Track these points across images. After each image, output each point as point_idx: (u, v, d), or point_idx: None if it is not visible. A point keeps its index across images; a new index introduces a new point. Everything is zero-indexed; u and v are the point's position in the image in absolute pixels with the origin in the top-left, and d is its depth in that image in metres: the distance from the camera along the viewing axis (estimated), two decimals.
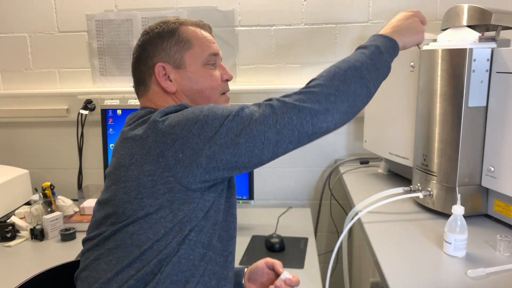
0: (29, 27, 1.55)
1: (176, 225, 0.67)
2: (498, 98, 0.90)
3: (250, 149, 0.65)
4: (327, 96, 0.67)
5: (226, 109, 0.68)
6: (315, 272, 1.04)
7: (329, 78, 0.69)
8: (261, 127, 0.65)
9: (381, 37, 0.77)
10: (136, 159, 0.68)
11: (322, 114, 0.66)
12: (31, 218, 1.31)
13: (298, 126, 0.65)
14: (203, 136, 0.65)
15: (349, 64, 0.70)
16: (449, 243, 0.81)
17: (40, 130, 1.61)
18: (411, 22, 0.81)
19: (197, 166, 0.65)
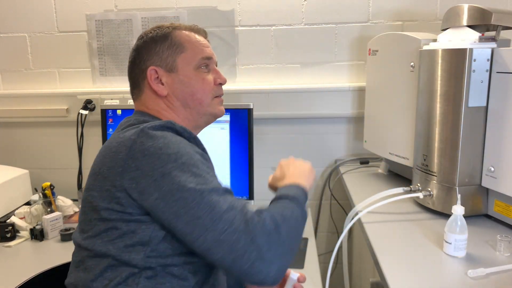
0: (29, 27, 1.55)
1: (136, 243, 0.66)
2: (498, 98, 0.90)
3: (185, 231, 0.63)
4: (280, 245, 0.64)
5: (195, 178, 0.65)
6: (315, 272, 1.04)
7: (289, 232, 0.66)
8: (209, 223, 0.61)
9: (296, 188, 0.75)
10: (103, 169, 0.69)
11: (266, 262, 0.62)
12: (31, 218, 1.31)
13: (238, 253, 0.61)
14: (158, 184, 0.64)
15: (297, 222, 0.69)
16: (449, 243, 0.81)
17: (40, 130, 1.61)
18: (298, 166, 0.82)
19: (142, 205, 0.66)
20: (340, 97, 1.48)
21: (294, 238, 0.68)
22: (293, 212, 0.69)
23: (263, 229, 0.63)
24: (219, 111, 0.84)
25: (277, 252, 0.63)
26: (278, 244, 0.63)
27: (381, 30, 1.44)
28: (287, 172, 0.80)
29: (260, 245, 0.61)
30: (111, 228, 0.68)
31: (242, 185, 1.31)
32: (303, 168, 0.81)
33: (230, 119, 1.29)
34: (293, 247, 0.67)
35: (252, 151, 1.30)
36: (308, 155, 1.55)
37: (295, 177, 0.78)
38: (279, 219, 0.66)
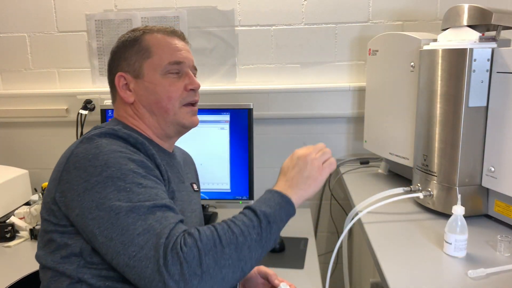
0: (29, 27, 1.55)
1: (71, 255, 0.66)
2: (499, 98, 0.89)
3: (102, 251, 0.61)
4: (190, 277, 0.57)
5: (118, 193, 0.61)
6: (315, 273, 1.04)
7: (205, 249, 0.58)
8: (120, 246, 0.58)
9: (275, 195, 0.67)
10: (50, 181, 0.70)
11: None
12: (30, 218, 1.30)
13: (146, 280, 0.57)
14: (80, 199, 0.63)
15: (231, 237, 0.60)
16: (449, 243, 0.81)
17: (40, 130, 1.61)
18: (309, 170, 0.70)
19: (68, 218, 0.66)
20: (340, 97, 1.47)
21: (227, 267, 0.59)
22: (245, 236, 0.61)
23: (177, 258, 0.57)
24: (188, 121, 0.79)
25: (191, 283, 0.57)
26: (195, 275, 0.57)
27: (381, 30, 1.44)
28: (289, 172, 0.72)
29: (168, 274, 0.56)
30: (50, 240, 0.68)
31: (242, 185, 1.31)
32: (308, 173, 0.70)
33: (230, 119, 1.29)
34: (224, 277, 0.59)
35: (252, 151, 1.30)
36: None
37: (292, 183, 0.70)
38: (210, 245, 0.59)
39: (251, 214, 0.65)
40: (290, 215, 0.68)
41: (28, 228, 1.26)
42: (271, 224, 0.64)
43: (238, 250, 0.60)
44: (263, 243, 0.63)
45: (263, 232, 0.63)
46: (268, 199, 0.67)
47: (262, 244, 0.63)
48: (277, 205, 0.66)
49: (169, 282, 0.56)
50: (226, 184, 1.31)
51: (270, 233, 0.64)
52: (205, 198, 1.33)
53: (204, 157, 1.30)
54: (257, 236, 0.62)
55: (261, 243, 0.63)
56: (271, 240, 0.65)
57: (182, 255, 0.57)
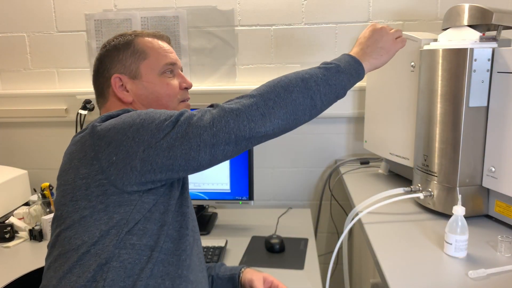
0: (28, 26, 1.54)
1: (112, 228, 0.66)
2: (499, 98, 0.89)
3: (186, 151, 0.64)
4: (266, 102, 0.66)
5: (165, 113, 0.68)
6: (315, 273, 1.04)
7: (273, 84, 0.68)
8: (197, 129, 0.64)
9: (348, 56, 0.77)
10: (74, 163, 0.69)
11: (259, 119, 0.65)
12: (29, 218, 1.30)
13: (235, 129, 0.65)
14: (138, 139, 0.65)
15: (297, 74, 0.70)
16: (449, 243, 0.81)
17: (39, 130, 1.61)
18: (384, 41, 0.80)
19: (131, 169, 0.65)
20: None
21: (296, 92, 0.68)
22: (310, 74, 0.70)
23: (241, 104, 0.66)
24: None
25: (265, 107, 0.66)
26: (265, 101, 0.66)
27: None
28: (365, 41, 0.80)
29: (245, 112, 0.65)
30: (87, 216, 0.67)
31: (242, 185, 1.31)
32: (383, 44, 0.79)
33: None
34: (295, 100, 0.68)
35: (252, 151, 1.29)
36: (308, 155, 1.54)
37: (366, 51, 0.78)
38: (275, 81, 0.68)
39: (322, 64, 0.74)
40: (359, 76, 0.76)
41: (27, 229, 1.26)
42: (340, 73, 0.72)
43: (304, 81, 0.69)
44: (330, 84, 0.71)
45: (330, 75, 0.71)
46: (340, 59, 0.76)
47: (329, 83, 0.71)
48: (347, 63, 0.75)
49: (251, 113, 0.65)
50: (226, 184, 1.31)
51: (338, 79, 0.72)
52: (205, 199, 1.33)
53: None
54: (323, 76, 0.71)
55: (327, 82, 0.71)
56: (339, 86, 0.72)
57: (252, 93, 0.68)
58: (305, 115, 0.70)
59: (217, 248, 1.13)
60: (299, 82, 0.69)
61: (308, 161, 1.55)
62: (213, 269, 0.92)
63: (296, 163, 1.55)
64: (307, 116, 0.71)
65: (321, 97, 0.71)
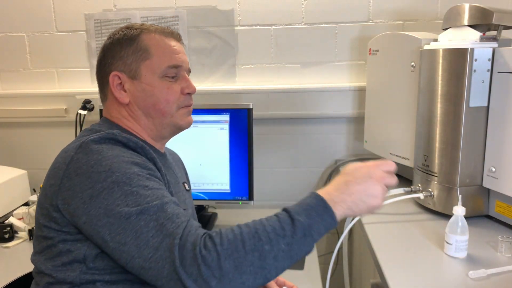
0: (27, 26, 1.54)
1: (73, 261, 0.65)
2: (500, 98, 0.89)
3: (115, 256, 0.60)
4: (209, 278, 0.56)
5: (127, 197, 0.60)
6: (315, 274, 1.04)
7: (227, 251, 0.57)
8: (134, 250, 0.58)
9: (322, 208, 0.61)
10: (47, 185, 0.68)
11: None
12: (29, 219, 1.30)
13: (164, 280, 0.57)
14: (86, 206, 0.62)
15: (257, 243, 0.58)
16: (450, 244, 0.81)
17: (38, 130, 1.60)
18: (372, 192, 0.63)
19: (76, 226, 0.64)
20: (341, 97, 1.47)
21: (247, 274, 0.57)
22: (272, 245, 0.58)
23: (194, 259, 0.56)
24: (184, 122, 0.79)
25: (209, 284, 0.56)
26: (213, 277, 0.56)
27: (381, 29, 1.44)
28: (351, 183, 0.64)
29: (186, 274, 0.56)
30: (50, 246, 0.67)
31: (241, 186, 1.30)
32: (367, 197, 0.63)
33: (230, 119, 1.28)
34: (244, 282, 0.57)
35: (251, 152, 1.29)
36: (308, 156, 1.54)
37: (346, 197, 0.63)
38: (231, 249, 0.57)
39: (287, 221, 0.60)
40: (329, 229, 0.62)
41: (27, 229, 1.26)
42: (306, 237, 0.60)
43: (261, 258, 0.58)
44: (292, 254, 0.60)
45: (294, 244, 0.59)
46: (310, 208, 0.62)
47: (291, 255, 0.59)
48: (318, 216, 0.61)
49: (187, 282, 0.56)
50: (225, 185, 1.31)
51: (303, 245, 0.60)
52: (204, 199, 1.32)
53: (204, 158, 1.29)
54: (286, 247, 0.59)
55: (290, 254, 0.59)
56: (302, 252, 0.61)
57: (201, 257, 0.56)
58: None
59: None
60: (255, 259, 0.57)
61: (308, 161, 1.54)
62: None
63: (296, 163, 1.55)
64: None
65: (277, 272, 0.60)
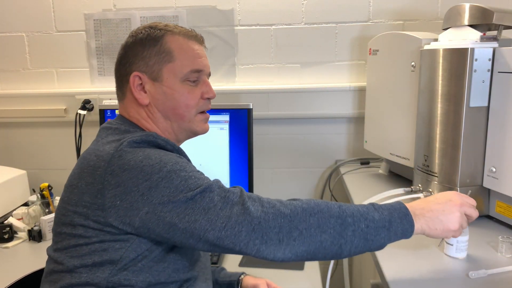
0: (27, 26, 1.54)
1: (105, 261, 0.64)
2: (500, 98, 0.89)
3: (185, 237, 0.62)
4: (291, 229, 0.61)
5: (187, 182, 0.63)
6: (315, 274, 1.03)
7: (311, 210, 0.62)
8: (207, 224, 0.61)
9: (404, 212, 0.66)
10: (81, 184, 0.67)
11: (273, 244, 0.61)
12: (28, 219, 1.30)
13: (242, 243, 0.61)
14: (147, 197, 0.62)
15: (341, 213, 0.63)
16: (450, 244, 0.81)
17: (38, 130, 1.60)
18: (450, 219, 0.68)
19: (130, 222, 0.63)
20: (341, 97, 1.47)
21: (327, 234, 0.61)
22: (354, 220, 0.63)
23: (275, 216, 0.61)
24: (201, 129, 0.79)
25: (290, 236, 0.60)
26: (296, 229, 0.61)
27: (381, 29, 1.44)
28: (433, 202, 0.69)
29: (263, 231, 0.60)
30: (83, 244, 0.66)
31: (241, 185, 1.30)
32: (446, 218, 0.67)
33: (230, 119, 1.28)
34: (322, 242, 0.61)
35: (251, 152, 1.29)
36: (308, 156, 1.54)
37: (425, 212, 0.67)
38: (316, 209, 0.62)
39: (371, 208, 0.66)
40: (405, 235, 0.66)
41: (26, 229, 1.25)
42: (384, 229, 0.64)
43: (342, 227, 0.63)
44: (368, 238, 0.64)
45: (372, 229, 0.64)
46: (394, 209, 0.67)
47: (366, 238, 0.64)
48: (399, 218, 0.66)
49: (269, 234, 0.60)
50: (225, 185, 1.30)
51: (378, 235, 0.64)
52: None
53: (203, 158, 1.29)
54: (365, 228, 0.63)
55: (366, 236, 0.64)
56: (377, 242, 0.65)
57: (284, 210, 0.61)
58: (326, 258, 0.64)
59: None
60: (336, 225, 0.62)
61: (308, 161, 1.54)
62: (213, 274, 0.91)
63: (296, 163, 1.55)
64: (327, 259, 0.65)
65: (351, 248, 0.63)
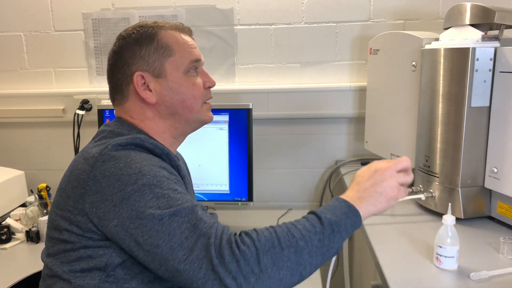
0: (25, 25, 1.53)
1: (93, 268, 0.64)
2: (502, 98, 0.88)
3: (147, 260, 0.60)
4: (248, 274, 0.57)
5: (159, 199, 0.60)
6: (315, 275, 1.03)
7: (263, 249, 0.59)
8: (168, 252, 0.58)
9: (344, 206, 0.65)
10: (68, 187, 0.66)
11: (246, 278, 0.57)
12: (26, 220, 1.29)
13: (200, 281, 0.57)
14: (118, 209, 0.61)
15: (291, 240, 0.60)
16: None
17: (36, 130, 1.59)
18: (385, 187, 0.67)
19: (104, 230, 0.63)
20: (341, 97, 1.46)
21: (285, 269, 0.58)
22: (306, 241, 0.60)
23: (233, 256, 0.57)
24: (208, 117, 0.80)
25: (248, 280, 0.57)
26: (252, 273, 0.57)
27: (382, 29, 1.43)
28: (362, 182, 0.68)
29: (225, 271, 0.56)
30: (69, 250, 0.65)
31: (241, 186, 1.30)
32: (382, 189, 0.67)
33: (229, 119, 1.27)
34: (282, 279, 0.59)
35: (251, 152, 1.28)
36: (308, 156, 1.53)
37: (362, 195, 0.66)
38: (268, 245, 0.58)
39: (315, 219, 0.63)
40: (355, 227, 0.65)
41: (24, 230, 1.25)
42: (335, 233, 0.62)
43: (297, 254, 0.60)
44: (324, 251, 0.62)
45: (325, 240, 0.62)
46: (334, 207, 0.65)
47: (323, 252, 0.62)
48: (343, 214, 0.64)
49: (226, 279, 0.56)
50: (225, 186, 1.30)
51: (332, 241, 0.62)
52: (203, 200, 1.31)
53: (203, 158, 1.28)
54: (318, 243, 0.61)
55: (322, 250, 0.62)
56: (333, 249, 0.63)
57: (239, 253, 0.57)
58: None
59: None
60: (291, 255, 0.59)
61: (308, 161, 1.54)
62: None
63: (296, 163, 1.54)
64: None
65: (311, 269, 0.62)
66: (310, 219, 0.64)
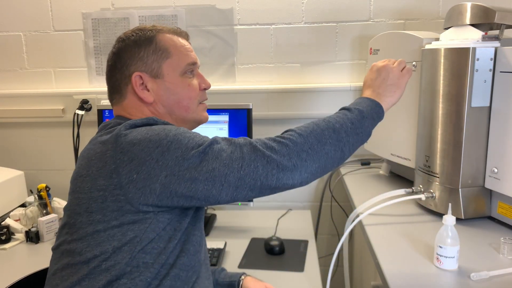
0: (24, 25, 1.53)
1: (125, 245, 0.65)
2: (502, 98, 0.88)
3: (207, 188, 0.64)
4: (299, 153, 0.66)
5: (193, 140, 0.66)
6: (315, 276, 1.03)
7: (305, 133, 0.68)
8: (224, 169, 0.63)
9: (367, 100, 0.77)
10: (92, 171, 0.67)
11: (289, 170, 0.65)
12: (26, 220, 1.29)
13: (262, 177, 0.64)
14: (162, 162, 0.63)
15: (328, 124, 0.70)
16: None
17: (36, 130, 1.59)
18: (392, 78, 0.81)
19: (150, 191, 0.64)
20: (341, 97, 1.46)
21: (328, 145, 0.68)
22: (340, 123, 0.70)
23: (281, 144, 0.66)
24: (203, 117, 0.83)
25: (300, 157, 0.65)
26: (302, 151, 0.66)
27: (382, 29, 1.43)
28: (373, 82, 0.81)
29: (280, 156, 0.64)
30: (101, 230, 0.66)
31: None
32: (391, 81, 0.80)
33: (229, 119, 1.27)
34: (327, 153, 0.68)
35: None
36: None
37: (379, 91, 0.79)
38: (308, 130, 0.68)
39: (344, 111, 0.74)
40: (380, 117, 0.77)
41: (24, 230, 1.24)
42: (364, 119, 0.73)
43: (336, 133, 0.69)
44: (358, 132, 0.72)
45: (357, 123, 0.72)
46: (359, 103, 0.76)
47: (357, 132, 0.72)
48: (368, 106, 0.76)
49: (282, 162, 0.64)
50: None
51: (363, 125, 0.73)
52: None
53: None
54: (351, 125, 0.71)
55: (356, 131, 0.72)
56: (365, 133, 0.73)
57: (284, 140, 0.67)
58: (333, 167, 0.70)
59: (216, 250, 1.12)
60: (331, 133, 0.69)
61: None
62: (213, 274, 0.91)
63: None
64: (335, 167, 0.71)
65: (350, 147, 0.71)
66: (339, 112, 0.75)
